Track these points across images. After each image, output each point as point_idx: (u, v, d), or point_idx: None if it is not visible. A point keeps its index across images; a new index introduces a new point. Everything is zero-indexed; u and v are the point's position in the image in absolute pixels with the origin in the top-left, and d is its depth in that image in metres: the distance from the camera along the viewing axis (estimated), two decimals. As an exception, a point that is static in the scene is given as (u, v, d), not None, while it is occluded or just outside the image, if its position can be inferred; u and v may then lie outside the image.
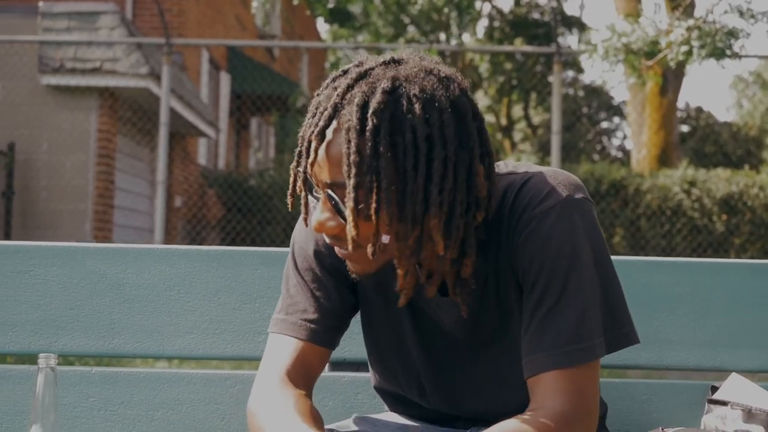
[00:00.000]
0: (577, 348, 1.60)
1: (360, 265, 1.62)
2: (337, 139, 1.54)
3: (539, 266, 1.63)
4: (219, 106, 17.16)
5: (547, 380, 1.59)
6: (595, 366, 1.63)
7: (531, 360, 1.62)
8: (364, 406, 2.16)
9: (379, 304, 1.83)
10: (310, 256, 1.80)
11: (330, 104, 1.55)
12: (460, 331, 1.77)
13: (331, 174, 1.55)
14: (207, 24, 16.44)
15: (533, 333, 1.63)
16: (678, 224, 11.79)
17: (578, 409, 1.58)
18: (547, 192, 1.64)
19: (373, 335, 1.89)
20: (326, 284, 1.79)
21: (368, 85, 1.54)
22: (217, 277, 2.21)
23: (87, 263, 2.20)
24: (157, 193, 9.46)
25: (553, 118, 9.19)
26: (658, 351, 2.19)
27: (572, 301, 1.61)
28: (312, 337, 1.76)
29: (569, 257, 1.62)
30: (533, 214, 1.64)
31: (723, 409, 2.00)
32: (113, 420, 2.15)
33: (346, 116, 1.52)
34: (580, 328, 1.61)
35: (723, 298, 2.22)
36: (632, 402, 2.17)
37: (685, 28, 6.33)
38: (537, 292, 1.63)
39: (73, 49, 11.12)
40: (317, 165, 1.56)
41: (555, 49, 9.35)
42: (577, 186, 1.68)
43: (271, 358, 1.77)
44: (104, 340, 2.18)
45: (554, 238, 1.62)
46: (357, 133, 1.50)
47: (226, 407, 2.16)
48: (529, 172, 1.69)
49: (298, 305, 1.79)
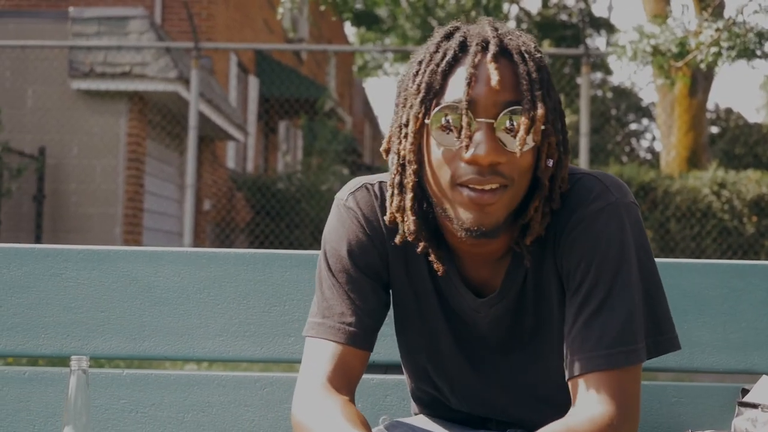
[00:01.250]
0: (621, 351, 1.60)
1: (496, 213, 1.60)
2: (505, 64, 1.60)
3: (586, 267, 1.63)
4: (247, 110, 17.22)
5: (589, 382, 1.59)
6: (637, 370, 1.63)
7: (574, 361, 1.62)
8: (393, 408, 2.17)
9: (412, 304, 1.82)
10: (343, 256, 1.77)
11: (492, 36, 1.62)
12: (496, 331, 1.77)
13: (510, 95, 1.59)
14: (235, 28, 16.51)
15: (577, 334, 1.62)
16: (708, 226, 11.71)
17: (621, 413, 1.58)
18: (597, 193, 1.66)
19: (406, 336, 1.88)
20: (362, 285, 1.76)
21: (505, 27, 1.68)
22: (246, 280, 2.22)
23: (118, 266, 2.22)
24: (186, 197, 9.52)
25: (581, 120, 9.16)
26: (688, 353, 2.18)
27: (618, 303, 1.61)
28: (351, 341, 1.73)
29: (617, 259, 1.63)
30: (583, 215, 1.65)
31: (753, 412, 1.98)
32: (144, 422, 2.16)
33: (515, 44, 1.63)
34: (624, 331, 1.61)
35: (753, 300, 2.21)
36: (661, 405, 2.16)
37: (714, 29, 6.29)
38: (582, 292, 1.64)
39: (102, 54, 11.22)
40: (491, 87, 1.58)
41: (583, 50, 9.32)
42: (625, 189, 1.69)
43: (311, 364, 1.74)
44: (135, 343, 2.20)
45: (603, 240, 1.63)
46: (532, 58, 1.62)
47: (256, 409, 2.17)
48: (578, 174, 1.70)
49: (334, 308, 1.75)
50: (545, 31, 24.04)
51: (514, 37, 1.64)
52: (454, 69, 1.61)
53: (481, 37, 1.62)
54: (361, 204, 1.78)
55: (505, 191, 1.59)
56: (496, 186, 1.58)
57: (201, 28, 14.21)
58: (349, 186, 1.82)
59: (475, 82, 1.58)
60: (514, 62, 1.60)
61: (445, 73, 1.61)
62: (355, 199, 1.79)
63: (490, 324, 1.76)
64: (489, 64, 1.58)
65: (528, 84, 1.58)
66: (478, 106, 1.57)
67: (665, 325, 1.70)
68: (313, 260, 1.87)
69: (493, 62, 1.58)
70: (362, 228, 1.77)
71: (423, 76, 1.63)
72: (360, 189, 1.79)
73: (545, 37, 23.73)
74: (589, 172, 1.71)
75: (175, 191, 13.17)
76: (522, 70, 1.59)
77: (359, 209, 1.77)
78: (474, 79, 1.58)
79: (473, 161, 1.57)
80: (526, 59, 1.61)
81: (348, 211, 1.78)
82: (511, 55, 1.61)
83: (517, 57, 1.60)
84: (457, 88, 1.59)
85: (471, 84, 1.57)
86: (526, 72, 1.59)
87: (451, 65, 1.61)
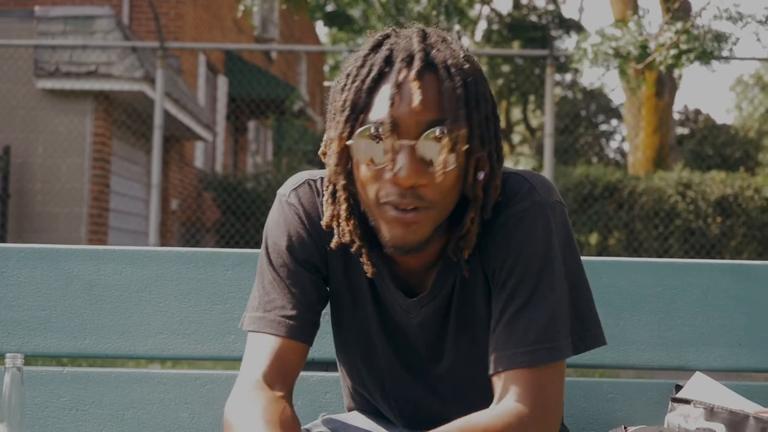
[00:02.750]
0: (544, 348, 1.61)
1: (420, 231, 1.60)
2: (429, 80, 1.58)
3: (512, 265, 1.65)
4: (216, 110, 17.17)
5: (510, 378, 1.61)
6: (560, 367, 1.64)
7: (497, 357, 1.63)
8: (333, 406, 2.18)
9: (349, 302, 1.83)
10: (284, 251, 1.77)
11: (418, 49, 1.60)
12: (426, 332, 1.78)
13: (433, 114, 1.57)
14: (204, 28, 16.46)
15: (501, 331, 1.64)
16: (672, 226, 11.80)
17: (539, 408, 1.59)
18: (523, 193, 1.67)
19: (342, 334, 1.89)
20: (302, 279, 1.77)
21: (437, 36, 1.65)
22: (188, 279, 2.23)
23: (59, 264, 2.22)
24: (151, 197, 9.48)
25: (546, 121, 9.21)
26: (623, 350, 2.22)
27: (542, 301, 1.63)
28: (292, 334, 1.73)
29: (542, 258, 1.64)
30: (510, 214, 1.66)
31: (686, 408, 2.01)
32: (84, 420, 2.17)
33: (441, 57, 1.60)
34: (548, 328, 1.62)
35: (688, 298, 2.24)
36: (596, 400, 2.19)
37: (673, 31, 6.34)
38: (507, 290, 1.65)
39: (68, 53, 11.16)
40: (413, 107, 1.56)
41: (548, 52, 9.37)
42: (552, 188, 1.70)
43: (250, 360, 1.74)
44: (76, 341, 2.20)
45: (528, 239, 1.65)
46: (459, 71, 1.59)
47: (196, 406, 2.18)
48: (504, 173, 1.71)
49: (275, 302, 1.76)
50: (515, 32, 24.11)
51: (443, 49, 1.62)
52: (380, 86, 1.60)
53: (407, 51, 1.60)
54: (303, 200, 1.79)
55: (428, 211, 1.59)
56: (420, 207, 1.58)
57: (169, 27, 14.16)
58: (292, 181, 1.83)
59: (398, 102, 1.56)
60: (439, 77, 1.58)
61: (370, 90, 1.60)
62: (297, 195, 1.80)
63: (421, 324, 1.77)
64: (412, 83, 1.56)
65: (451, 102, 1.57)
66: (401, 127, 1.56)
67: (590, 322, 1.71)
68: (255, 258, 1.88)
69: (417, 80, 1.56)
70: (302, 224, 1.78)
71: (348, 93, 1.62)
72: (302, 185, 1.80)
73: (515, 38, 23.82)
74: (515, 171, 1.72)
75: (142, 191, 13.12)
76: (446, 87, 1.57)
77: (300, 205, 1.78)
78: (397, 99, 1.56)
79: (394, 183, 1.57)
80: (452, 74, 1.58)
81: (289, 207, 1.79)
82: (436, 70, 1.59)
83: (442, 72, 1.58)
84: (381, 108, 1.58)
85: (394, 104, 1.56)
86: (451, 88, 1.57)
87: (376, 81, 1.60)
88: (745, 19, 6.50)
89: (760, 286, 2.26)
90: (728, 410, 1.95)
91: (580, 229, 12.04)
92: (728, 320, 2.24)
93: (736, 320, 2.24)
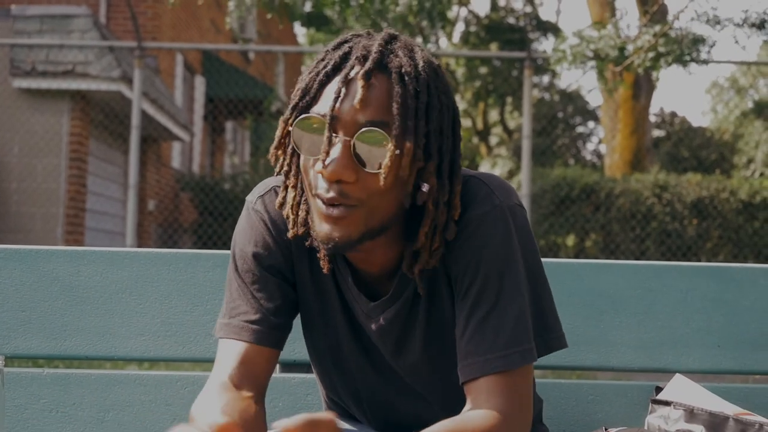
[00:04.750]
0: (516, 351, 1.62)
1: (347, 229, 1.58)
2: (380, 81, 1.58)
3: (474, 271, 1.65)
4: (194, 110, 17.12)
5: (485, 383, 1.61)
6: (530, 369, 1.66)
7: (468, 364, 1.63)
8: (314, 407, 2.18)
9: (316, 306, 1.83)
10: (249, 257, 1.78)
11: (374, 51, 1.59)
12: (389, 337, 1.78)
13: (374, 114, 1.56)
14: (182, 28, 16.40)
15: (470, 338, 1.64)
16: (649, 228, 11.86)
17: (514, 410, 1.60)
18: (482, 197, 1.66)
19: (312, 339, 1.89)
20: (267, 284, 1.77)
21: (403, 43, 1.64)
22: (168, 280, 2.23)
23: (39, 265, 2.21)
24: (128, 197, 9.44)
25: (524, 122, 9.23)
26: (604, 352, 2.23)
27: (508, 305, 1.63)
28: (256, 339, 1.74)
29: (504, 262, 1.64)
30: (469, 219, 1.66)
31: (666, 409, 2.03)
32: (64, 421, 2.16)
33: (397, 62, 1.59)
34: (516, 332, 1.62)
35: (668, 301, 2.26)
36: (577, 402, 2.20)
37: (651, 34, 6.38)
38: (472, 296, 1.65)
39: (45, 52, 11.09)
40: (355, 104, 1.56)
41: (526, 54, 9.40)
42: (510, 191, 1.70)
43: (217, 365, 1.75)
44: (56, 342, 2.19)
45: (489, 244, 1.64)
46: (414, 78, 1.58)
47: (177, 408, 2.17)
48: (464, 177, 1.70)
49: (239, 308, 1.77)
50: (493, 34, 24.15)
51: (402, 55, 1.61)
52: (332, 80, 1.60)
53: (365, 50, 1.61)
54: (269, 206, 1.79)
55: (354, 210, 1.58)
56: (345, 204, 1.58)
57: (147, 27, 14.11)
58: (259, 189, 1.84)
59: (342, 97, 1.57)
60: (390, 81, 1.58)
61: (322, 83, 1.61)
62: (263, 202, 1.80)
63: (382, 329, 1.77)
64: (359, 81, 1.57)
65: (397, 108, 1.56)
66: (340, 122, 1.56)
67: (553, 324, 1.72)
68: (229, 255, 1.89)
69: (363, 79, 1.56)
70: (268, 230, 1.78)
71: (302, 83, 1.64)
72: (269, 192, 1.81)
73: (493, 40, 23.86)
74: (474, 174, 1.71)
75: (119, 191, 13.06)
76: (396, 92, 1.56)
77: (266, 212, 1.79)
78: (342, 93, 1.57)
79: (323, 175, 1.57)
80: (405, 81, 1.58)
81: (256, 214, 1.80)
82: (389, 74, 1.58)
83: (395, 76, 1.58)
84: (327, 100, 1.58)
85: (337, 98, 1.57)
86: (400, 94, 1.56)
87: (329, 76, 1.61)
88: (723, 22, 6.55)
89: (740, 289, 2.27)
90: (708, 412, 1.97)
91: (557, 231, 12.08)
92: (707, 322, 2.25)
93: (715, 322, 2.25)
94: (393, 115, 1.56)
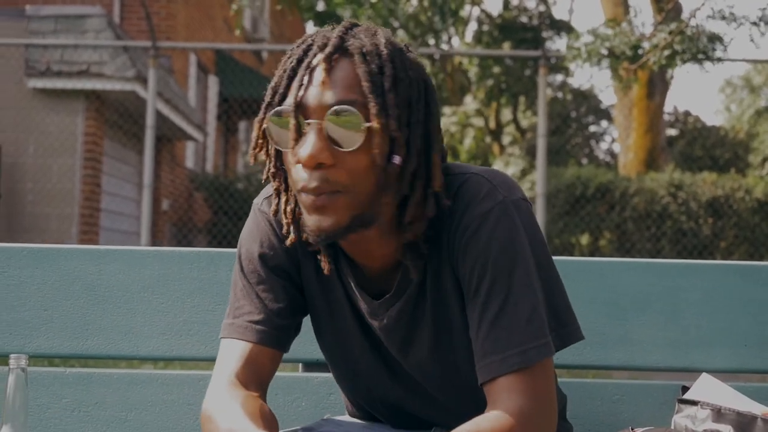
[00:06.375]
0: (533, 347, 1.59)
1: (335, 216, 1.57)
2: (343, 64, 1.57)
3: (482, 269, 1.62)
4: (207, 110, 17.15)
5: (503, 383, 1.58)
6: (550, 363, 1.63)
7: (486, 365, 1.61)
8: (337, 407, 2.17)
9: (325, 310, 1.82)
10: (255, 258, 1.78)
11: (334, 36, 1.60)
12: (395, 335, 1.76)
13: (341, 94, 1.55)
14: (195, 27, 16.43)
15: (485, 337, 1.61)
16: (664, 227, 11.82)
17: (536, 407, 1.57)
18: (485, 194, 1.64)
19: (323, 341, 1.89)
20: (273, 285, 1.77)
21: (364, 28, 1.64)
22: (191, 279, 2.22)
23: (61, 264, 2.21)
24: (143, 197, 9.45)
25: (539, 122, 9.21)
26: (629, 352, 2.21)
27: (520, 300, 1.60)
28: (259, 339, 1.74)
29: (512, 258, 1.61)
30: (473, 217, 1.63)
31: (693, 409, 2.01)
32: (86, 421, 2.15)
33: (358, 44, 1.59)
34: (531, 327, 1.60)
35: (693, 299, 2.24)
36: (602, 402, 2.18)
37: (667, 32, 6.35)
38: (482, 295, 1.62)
39: (59, 52, 11.12)
40: (320, 88, 1.56)
41: (541, 53, 9.37)
42: (514, 186, 1.67)
43: (221, 363, 1.75)
44: (78, 341, 2.18)
45: (495, 241, 1.62)
46: (376, 56, 1.58)
47: (199, 408, 2.14)
48: (466, 173, 1.68)
49: (244, 308, 1.77)
50: (506, 33, 24.13)
51: (363, 38, 1.61)
52: (297, 72, 1.60)
53: (325, 38, 1.61)
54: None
55: (341, 195, 1.56)
56: (329, 191, 1.56)
57: (160, 27, 14.13)
58: (265, 191, 1.84)
59: (306, 84, 1.57)
60: (353, 62, 1.58)
61: (289, 78, 1.60)
62: (269, 203, 1.80)
63: (388, 327, 1.75)
64: (320, 65, 1.57)
65: (363, 84, 1.56)
66: (309, 108, 1.56)
67: (567, 317, 1.69)
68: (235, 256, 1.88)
69: (324, 63, 1.56)
70: (274, 231, 1.78)
71: (273, 82, 1.64)
72: (274, 194, 1.79)
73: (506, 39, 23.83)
74: (477, 170, 1.68)
75: (133, 191, 13.08)
76: (359, 70, 1.56)
77: (273, 213, 1.78)
78: (306, 81, 1.57)
79: (299, 162, 1.56)
80: (367, 59, 1.57)
81: (262, 215, 1.81)
82: (351, 56, 1.58)
83: (357, 57, 1.58)
84: (293, 91, 1.58)
85: (302, 86, 1.57)
86: (363, 71, 1.56)
87: (294, 69, 1.60)
88: (739, 20, 6.52)
89: (766, 287, 2.25)
90: (736, 411, 1.94)
91: (571, 230, 12.05)
92: (734, 321, 2.23)
93: (741, 321, 2.23)
94: (359, 93, 1.56)
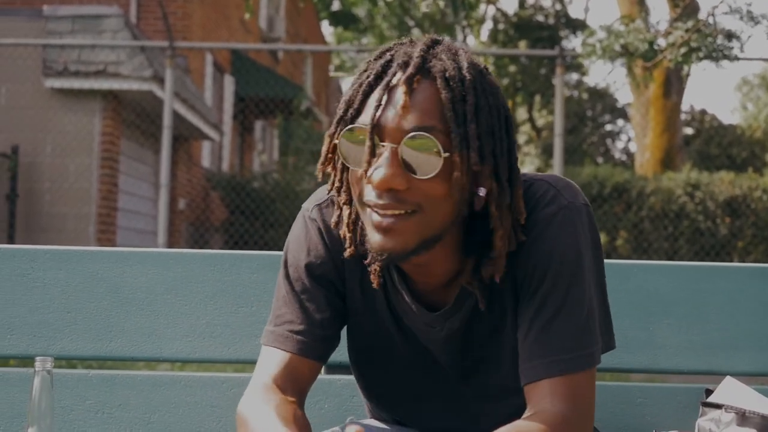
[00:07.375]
0: (580, 354, 1.60)
1: (402, 238, 1.54)
2: (424, 86, 1.55)
3: (542, 273, 1.62)
4: (223, 110, 17.18)
5: (546, 386, 1.59)
6: (594, 371, 1.63)
7: (531, 366, 1.61)
8: (360, 409, 2.16)
9: (367, 322, 1.80)
10: (301, 266, 1.76)
11: (416, 56, 1.57)
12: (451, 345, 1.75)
13: (421, 119, 1.52)
14: (211, 27, 16.46)
15: (534, 340, 1.61)
16: (681, 227, 11.78)
17: (576, 413, 1.58)
18: (549, 198, 1.64)
19: (359, 354, 1.87)
20: (317, 295, 1.76)
21: (446, 46, 1.61)
22: (214, 281, 2.22)
23: (85, 266, 2.21)
24: (160, 196, 9.48)
25: (555, 121, 9.19)
26: (653, 354, 2.20)
27: (575, 307, 1.61)
28: (299, 349, 1.73)
29: (573, 264, 1.62)
30: (536, 221, 1.63)
31: (717, 412, 2.00)
32: (110, 423, 2.16)
33: (440, 66, 1.56)
34: (582, 335, 1.60)
35: (718, 302, 2.22)
36: (626, 405, 2.17)
37: (684, 29, 6.33)
38: (538, 298, 1.62)
39: (76, 52, 11.16)
40: (399, 110, 1.53)
41: (558, 51, 9.34)
42: (577, 191, 1.68)
43: (260, 368, 1.75)
44: (102, 343, 2.19)
45: (558, 245, 1.62)
46: (459, 82, 1.55)
47: (223, 410, 2.17)
48: (528, 179, 1.68)
49: (285, 316, 1.76)
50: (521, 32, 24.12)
51: (445, 59, 1.57)
52: (374, 90, 1.57)
53: (406, 56, 1.58)
54: (326, 216, 1.77)
55: (412, 217, 1.54)
56: (399, 212, 1.54)
57: (176, 27, 14.15)
58: (316, 196, 1.82)
59: (385, 104, 1.54)
60: (435, 86, 1.55)
61: (365, 94, 1.58)
62: (319, 211, 1.78)
63: (445, 338, 1.74)
64: (401, 87, 1.54)
65: (445, 112, 1.53)
66: (385, 130, 1.54)
67: (610, 326, 1.73)
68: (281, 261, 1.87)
69: (405, 84, 1.53)
70: (322, 239, 1.76)
71: (346, 96, 1.62)
72: (326, 200, 1.79)
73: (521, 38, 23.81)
74: (539, 176, 1.69)
75: (150, 190, 13.12)
76: (442, 96, 1.53)
77: (322, 221, 1.77)
78: (384, 101, 1.55)
79: (372, 184, 1.54)
80: (450, 85, 1.54)
81: (311, 222, 1.78)
82: (433, 78, 1.55)
83: (440, 81, 1.54)
84: (370, 110, 1.56)
85: (380, 106, 1.54)
86: (446, 98, 1.53)
87: (371, 86, 1.58)
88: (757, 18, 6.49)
89: (791, 290, 2.24)
90: (761, 415, 1.94)
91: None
92: (759, 324, 2.22)
93: (765, 324, 2.22)
94: (440, 119, 1.53)
